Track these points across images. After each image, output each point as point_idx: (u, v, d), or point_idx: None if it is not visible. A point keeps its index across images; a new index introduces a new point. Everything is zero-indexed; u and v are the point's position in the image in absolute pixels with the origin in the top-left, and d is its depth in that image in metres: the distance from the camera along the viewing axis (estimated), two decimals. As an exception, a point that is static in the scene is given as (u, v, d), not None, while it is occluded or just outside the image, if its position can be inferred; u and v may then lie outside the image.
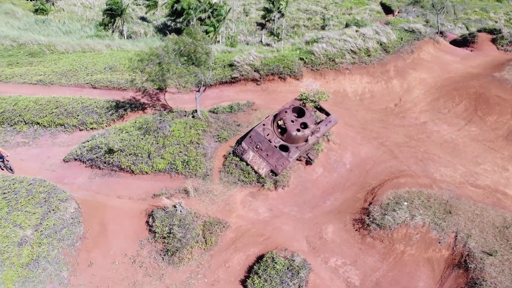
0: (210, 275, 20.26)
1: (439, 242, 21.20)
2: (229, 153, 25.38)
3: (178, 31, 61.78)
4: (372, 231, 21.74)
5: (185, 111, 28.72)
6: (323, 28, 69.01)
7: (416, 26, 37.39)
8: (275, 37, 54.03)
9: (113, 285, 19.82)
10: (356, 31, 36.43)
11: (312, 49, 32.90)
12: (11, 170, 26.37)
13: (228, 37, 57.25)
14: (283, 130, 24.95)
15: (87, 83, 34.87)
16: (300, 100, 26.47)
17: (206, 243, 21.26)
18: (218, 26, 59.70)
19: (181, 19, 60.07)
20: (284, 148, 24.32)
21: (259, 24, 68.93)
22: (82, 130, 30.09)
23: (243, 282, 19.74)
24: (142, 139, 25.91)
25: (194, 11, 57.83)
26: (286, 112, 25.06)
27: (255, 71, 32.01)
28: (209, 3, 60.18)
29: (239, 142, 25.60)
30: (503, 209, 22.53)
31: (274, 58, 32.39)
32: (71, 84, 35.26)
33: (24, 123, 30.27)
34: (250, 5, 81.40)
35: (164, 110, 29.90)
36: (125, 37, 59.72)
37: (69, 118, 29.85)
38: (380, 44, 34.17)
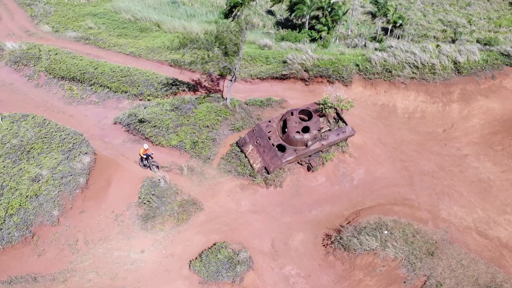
0: (169, 248, 21.58)
1: (404, 282, 19.27)
2: (235, 143, 26.11)
3: (294, 27, 62.99)
4: (336, 250, 20.71)
5: (223, 98, 30.07)
6: (453, 41, 63.53)
7: (513, 50, 32.67)
8: (376, 42, 51.49)
9: (89, 233, 22.40)
10: (437, 46, 33.36)
11: (370, 56, 31.26)
12: (157, 167, 25.34)
13: (328, 38, 56.28)
14: (288, 131, 24.75)
15: (166, 61, 38.34)
16: (319, 104, 25.77)
17: (178, 219, 22.60)
18: (332, 26, 59.13)
19: (294, 15, 60.87)
20: (282, 148, 24.17)
21: (384, 29, 66.00)
22: (141, 100, 33.50)
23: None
24: (168, 115, 28.10)
25: (307, 8, 58.18)
26: (292, 113, 24.75)
27: (305, 70, 31.75)
28: (328, 2, 59.77)
29: (247, 135, 26.18)
30: (498, 267, 19.37)
31: (327, 61, 31.64)
32: (155, 59, 39.10)
33: (99, 85, 34.84)
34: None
35: (208, 93, 31.66)
36: (242, 27, 62.71)
37: (131, 87, 33.50)
38: (455, 63, 30.82)
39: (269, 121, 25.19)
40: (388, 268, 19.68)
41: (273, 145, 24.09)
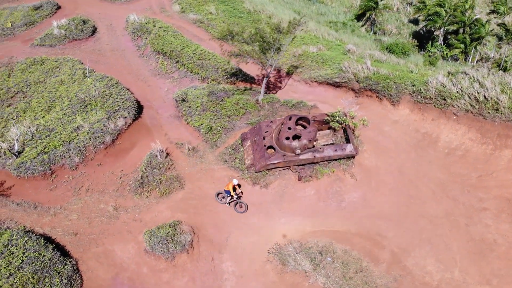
0: (143, 214, 23.69)
1: (321, 314, 18.12)
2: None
3: (429, 39, 58.36)
4: (274, 261, 20.26)
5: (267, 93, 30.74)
6: None
7: None
8: (499, 69, 44.58)
9: (94, 183, 25.86)
10: (527, 80, 28.21)
11: (428, 79, 28.02)
12: (241, 207, 23.34)
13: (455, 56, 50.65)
14: (287, 135, 24.38)
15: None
16: (328, 116, 24.62)
17: (161, 191, 24.57)
18: (469, 45, 53.28)
19: (425, 26, 56.47)
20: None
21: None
22: (208, 83, 36.02)
23: (148, 232, 22.56)
24: (202, 98, 29.98)
25: (441, 21, 53.43)
26: (290, 118, 24.18)
27: (356, 81, 30.12)
28: (470, 17, 53.80)
29: (254, 130, 26.48)
30: (427, 336, 16.76)
31: (381, 75, 29.34)
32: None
33: (181, 64, 38.41)
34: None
35: (255, 86, 32.59)
36: (372, 32, 60.59)
37: (201, 69, 36.22)
38: (533, 104, 25.83)
39: (271, 122, 25.21)
40: (310, 295, 18.64)
41: (265, 146, 24.14)
